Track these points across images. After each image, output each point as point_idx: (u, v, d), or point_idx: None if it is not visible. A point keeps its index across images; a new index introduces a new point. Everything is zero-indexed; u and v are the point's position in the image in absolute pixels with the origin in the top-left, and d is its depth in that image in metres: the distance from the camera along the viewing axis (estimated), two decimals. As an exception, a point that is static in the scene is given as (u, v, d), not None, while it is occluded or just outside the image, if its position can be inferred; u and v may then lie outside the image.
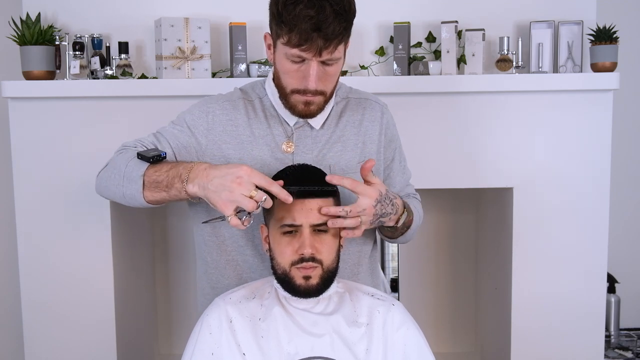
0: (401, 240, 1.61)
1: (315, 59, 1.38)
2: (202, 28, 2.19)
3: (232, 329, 1.34)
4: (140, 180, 1.41)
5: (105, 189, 1.52)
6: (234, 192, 1.29)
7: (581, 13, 2.29)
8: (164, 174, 1.41)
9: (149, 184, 1.41)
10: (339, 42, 1.38)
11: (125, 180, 1.44)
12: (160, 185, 1.40)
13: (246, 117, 1.53)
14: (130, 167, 1.44)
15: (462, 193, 2.61)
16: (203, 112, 1.53)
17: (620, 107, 2.52)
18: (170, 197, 1.41)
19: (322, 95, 1.45)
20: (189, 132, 1.52)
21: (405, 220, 1.51)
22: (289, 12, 1.34)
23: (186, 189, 1.36)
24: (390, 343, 1.36)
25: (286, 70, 1.43)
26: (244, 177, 1.30)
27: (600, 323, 2.27)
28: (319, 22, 1.33)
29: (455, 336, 2.75)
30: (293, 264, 1.34)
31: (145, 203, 1.44)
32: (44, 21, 2.24)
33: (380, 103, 1.64)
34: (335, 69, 1.44)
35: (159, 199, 1.42)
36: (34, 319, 2.21)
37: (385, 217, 1.43)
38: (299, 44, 1.35)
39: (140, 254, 2.54)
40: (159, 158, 1.44)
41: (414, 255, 2.70)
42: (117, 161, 1.49)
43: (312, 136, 1.54)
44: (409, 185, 1.70)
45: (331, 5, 1.34)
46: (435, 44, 2.32)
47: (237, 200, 1.29)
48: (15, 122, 2.15)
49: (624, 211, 2.83)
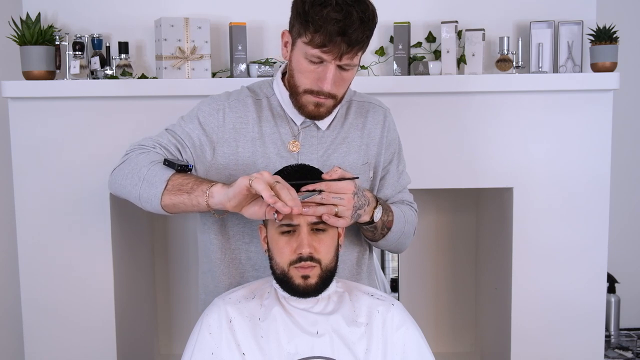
0: (384, 244, 1.60)
1: (335, 62, 1.39)
2: (202, 28, 2.19)
3: (232, 328, 1.34)
4: (163, 184, 1.41)
5: (120, 188, 1.51)
6: (253, 175, 1.29)
7: (581, 13, 2.29)
8: (192, 179, 1.41)
9: (172, 187, 1.41)
10: (359, 49, 1.41)
11: (145, 183, 1.44)
12: (184, 188, 1.40)
13: (255, 115, 1.54)
14: (154, 171, 1.44)
15: (462, 193, 2.61)
16: (214, 110, 1.54)
17: (620, 107, 2.52)
18: (190, 201, 1.39)
19: (334, 98, 1.47)
20: (201, 130, 1.53)
21: (384, 219, 1.51)
22: (316, 12, 1.35)
23: (211, 189, 1.36)
24: (390, 343, 1.37)
25: (302, 70, 1.43)
26: (264, 174, 1.30)
27: (600, 323, 2.27)
28: (345, 27, 1.35)
29: (455, 336, 2.75)
30: (291, 263, 1.34)
31: (160, 208, 1.44)
32: (44, 21, 2.24)
33: (384, 107, 1.65)
34: (351, 74, 1.45)
35: (176, 202, 1.41)
36: (34, 319, 2.21)
37: (361, 210, 1.43)
38: (322, 45, 1.37)
39: (140, 254, 2.54)
40: (186, 169, 1.46)
41: (414, 255, 2.70)
42: (137, 161, 1.48)
43: (318, 136, 1.55)
44: (404, 192, 1.69)
45: (357, 12, 1.36)
46: (435, 44, 2.32)
47: (255, 177, 1.28)
48: (15, 122, 2.15)
49: (624, 211, 2.83)
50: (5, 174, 2.42)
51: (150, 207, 1.46)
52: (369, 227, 1.52)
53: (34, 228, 2.18)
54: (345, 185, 1.38)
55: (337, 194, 1.36)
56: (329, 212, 1.35)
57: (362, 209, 1.44)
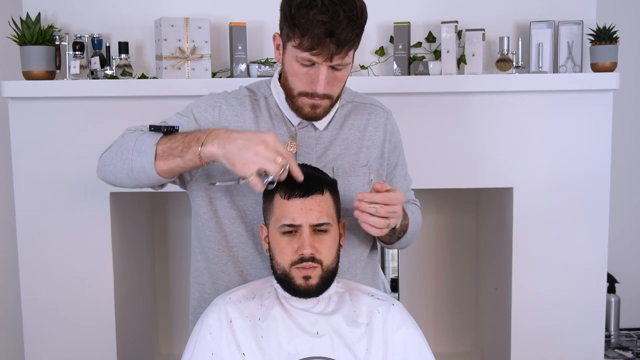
0: (397, 245, 1.62)
1: (326, 63, 1.38)
2: (202, 28, 2.19)
3: (232, 328, 1.34)
4: (153, 149, 1.38)
5: (110, 167, 1.47)
6: (260, 154, 1.28)
7: (581, 13, 2.29)
8: (179, 140, 1.37)
9: (162, 152, 1.38)
10: (350, 48, 1.39)
11: (134, 154, 1.40)
12: (175, 151, 1.36)
13: (252, 114, 1.53)
14: (142, 140, 1.41)
15: (462, 193, 2.61)
16: (210, 106, 1.53)
17: (620, 107, 2.52)
18: (184, 164, 1.36)
19: (329, 99, 1.46)
20: (196, 124, 1.52)
21: (402, 223, 1.52)
22: (302, 15, 1.34)
23: (202, 150, 1.33)
24: (390, 343, 1.36)
25: (295, 73, 1.43)
26: (269, 142, 1.29)
27: (600, 323, 2.27)
28: (332, 28, 1.33)
29: (455, 336, 2.76)
30: (293, 264, 1.34)
31: (156, 175, 1.39)
32: (44, 21, 2.24)
33: (385, 109, 1.64)
34: (344, 73, 1.44)
35: (172, 166, 1.38)
36: (34, 319, 2.21)
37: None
38: (310, 48, 1.35)
39: (140, 254, 2.54)
40: (173, 129, 1.42)
41: (414, 255, 2.70)
42: (124, 139, 1.46)
43: (315, 137, 1.54)
44: (409, 192, 1.70)
45: (345, 12, 1.34)
46: (435, 44, 2.32)
47: (262, 162, 1.28)
48: (15, 122, 2.15)
49: (624, 211, 2.83)
50: (5, 173, 2.42)
51: (146, 178, 1.41)
52: (388, 232, 1.52)
53: (34, 228, 2.18)
54: (399, 197, 1.38)
55: (391, 206, 1.37)
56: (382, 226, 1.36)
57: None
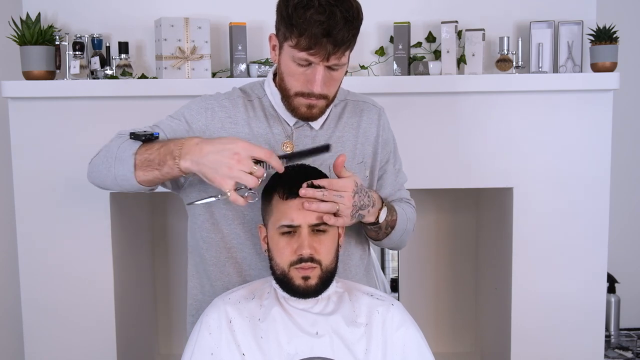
0: (387, 243, 1.61)
1: (323, 63, 1.39)
2: (202, 28, 2.19)
3: (232, 329, 1.34)
4: (131, 159, 1.39)
5: (97, 174, 1.49)
6: (233, 168, 1.29)
7: (581, 13, 2.29)
8: (155, 152, 1.38)
9: (141, 163, 1.39)
10: (346, 48, 1.40)
11: (117, 162, 1.42)
12: (152, 164, 1.38)
13: (245, 116, 1.53)
14: (123, 148, 1.42)
15: (462, 193, 2.61)
16: (202, 108, 1.53)
17: (620, 107, 2.52)
18: (162, 176, 1.38)
19: (326, 99, 1.46)
20: (187, 127, 1.52)
21: (388, 219, 1.51)
22: (299, 15, 1.34)
23: (179, 165, 1.34)
24: (390, 343, 1.36)
25: (291, 73, 1.43)
26: (241, 153, 1.30)
27: (600, 323, 2.27)
28: (329, 28, 1.34)
29: (455, 336, 2.75)
30: (292, 264, 1.34)
31: (138, 184, 1.41)
32: (44, 21, 2.24)
33: (377, 106, 1.65)
34: (340, 73, 1.45)
35: (151, 178, 1.39)
36: (34, 319, 2.21)
37: (364, 210, 1.43)
38: (308, 47, 1.36)
39: (140, 253, 2.54)
40: (152, 137, 1.42)
41: (414, 255, 2.70)
42: (110, 146, 1.47)
43: (311, 136, 1.54)
44: (402, 190, 1.69)
45: (341, 12, 1.35)
46: (435, 44, 2.32)
47: (237, 177, 1.29)
48: (15, 122, 2.15)
49: (624, 211, 2.83)
50: (5, 173, 2.42)
51: (129, 186, 1.43)
52: (373, 227, 1.51)
53: (34, 228, 2.18)
54: (346, 184, 1.37)
55: (338, 192, 1.36)
56: (330, 210, 1.35)
57: (366, 209, 1.43)
